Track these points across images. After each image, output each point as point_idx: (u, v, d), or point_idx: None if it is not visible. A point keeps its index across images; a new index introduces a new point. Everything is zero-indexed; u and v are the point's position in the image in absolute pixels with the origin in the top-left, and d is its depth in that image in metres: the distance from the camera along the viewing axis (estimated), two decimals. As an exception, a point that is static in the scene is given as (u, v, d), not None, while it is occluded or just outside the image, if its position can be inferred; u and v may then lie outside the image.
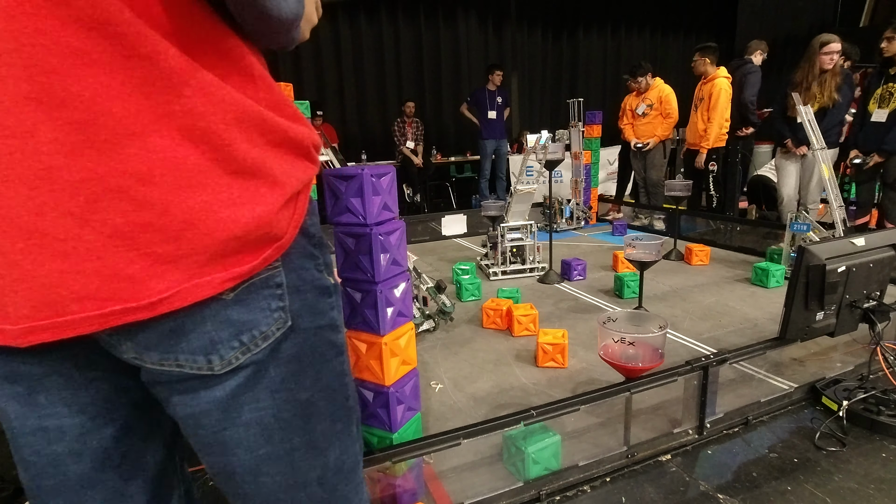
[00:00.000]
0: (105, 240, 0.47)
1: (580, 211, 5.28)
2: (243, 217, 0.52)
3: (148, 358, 0.53)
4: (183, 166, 0.49)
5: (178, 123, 0.48)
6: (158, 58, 0.46)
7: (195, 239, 0.50)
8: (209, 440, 0.59)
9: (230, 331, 0.54)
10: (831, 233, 3.05)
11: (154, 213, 0.48)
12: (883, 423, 1.67)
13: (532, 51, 7.97)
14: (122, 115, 0.45)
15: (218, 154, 0.51)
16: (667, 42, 8.88)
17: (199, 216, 0.50)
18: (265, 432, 0.59)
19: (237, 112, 0.52)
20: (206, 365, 0.54)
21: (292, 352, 0.60)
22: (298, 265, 0.60)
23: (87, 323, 0.49)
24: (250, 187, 0.53)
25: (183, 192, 0.49)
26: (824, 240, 2.48)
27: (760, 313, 2.75)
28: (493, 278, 3.57)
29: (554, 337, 2.26)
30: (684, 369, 1.64)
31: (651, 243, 2.54)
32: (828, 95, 3.64)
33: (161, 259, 0.49)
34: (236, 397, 0.57)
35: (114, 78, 0.45)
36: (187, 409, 0.57)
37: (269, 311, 0.57)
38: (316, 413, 0.63)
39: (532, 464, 1.46)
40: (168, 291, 0.50)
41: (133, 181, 0.47)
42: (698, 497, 1.46)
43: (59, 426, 0.58)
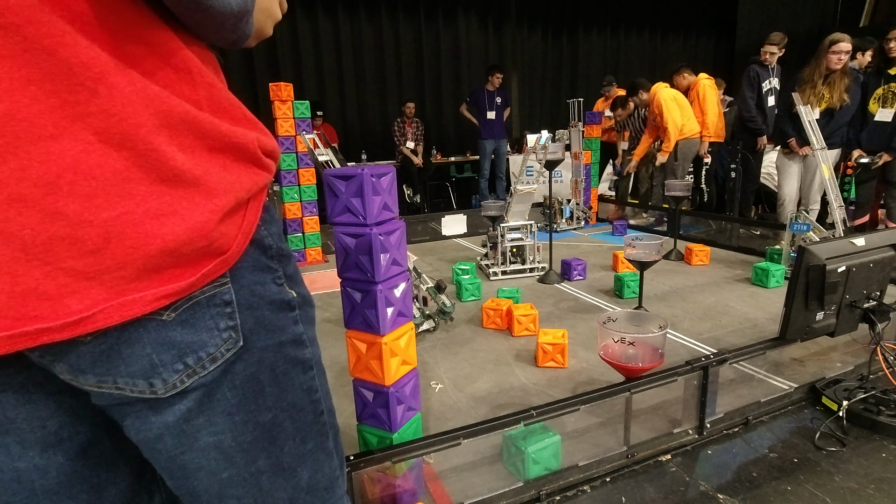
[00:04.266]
0: (15, 253, 0.43)
1: (580, 211, 5.28)
2: (174, 229, 0.48)
3: (84, 380, 0.50)
4: (98, 173, 0.44)
5: (94, 125, 0.44)
6: (65, 51, 0.42)
7: (118, 253, 0.45)
8: (168, 464, 0.56)
9: (173, 353, 0.51)
10: (831, 233, 3.05)
11: (67, 225, 0.43)
12: (883, 423, 1.67)
13: (532, 51, 7.97)
14: (25, 116, 0.41)
15: (142, 160, 0.46)
16: (667, 42, 8.89)
17: (122, 228, 0.45)
18: (225, 456, 0.56)
19: (165, 113, 0.47)
20: (147, 388, 0.51)
21: (248, 372, 0.56)
22: (251, 280, 0.56)
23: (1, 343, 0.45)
24: (182, 196, 0.48)
25: (100, 202, 0.44)
26: (824, 240, 2.48)
27: (760, 313, 2.75)
28: (493, 278, 3.57)
29: (554, 337, 2.27)
30: (684, 369, 1.64)
31: (651, 243, 2.54)
32: (837, 96, 3.62)
33: (79, 275, 0.45)
34: (189, 421, 0.54)
35: (14, 74, 0.40)
36: (140, 434, 0.54)
37: (217, 330, 0.53)
38: (281, 434, 0.60)
39: (532, 464, 1.46)
40: (89, 310, 0.45)
41: (39, 189, 0.42)
42: (698, 497, 1.46)
43: (19, 441, 0.54)
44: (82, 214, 0.44)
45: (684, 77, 5.02)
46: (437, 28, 7.25)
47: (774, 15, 8.29)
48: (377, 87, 7.13)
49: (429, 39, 7.26)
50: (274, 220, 0.61)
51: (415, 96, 6.92)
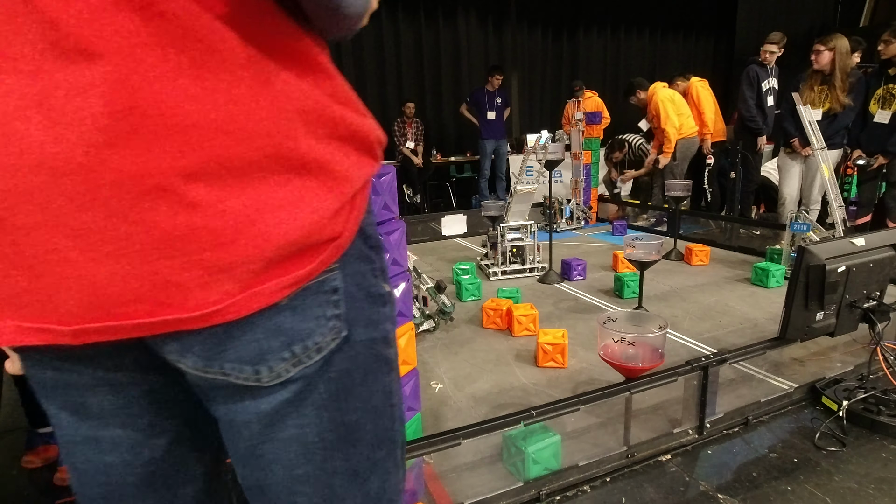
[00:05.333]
0: (154, 243, 0.43)
1: (580, 211, 5.28)
2: (302, 218, 0.47)
3: (192, 363, 0.49)
4: (237, 162, 0.44)
5: (233, 112, 0.43)
6: (213, 40, 0.42)
7: (248, 244, 0.45)
8: (245, 452, 0.54)
9: (282, 340, 0.49)
10: (831, 233, 3.05)
11: (204, 216, 0.43)
12: (883, 423, 1.67)
13: (532, 51, 7.96)
14: (175, 104, 0.41)
15: (279, 149, 0.46)
16: (666, 42, 8.88)
17: (253, 218, 0.45)
18: (305, 452, 0.54)
19: (301, 102, 0.47)
20: (252, 376, 0.49)
21: (344, 366, 0.54)
22: (354, 269, 0.54)
23: (137, 328, 0.45)
24: (310, 185, 0.48)
25: (234, 192, 0.44)
26: (824, 240, 2.48)
27: (760, 313, 2.75)
28: (493, 278, 3.57)
29: (554, 337, 2.26)
30: (684, 369, 1.64)
31: (651, 243, 2.54)
32: (834, 98, 3.63)
33: (212, 267, 0.45)
34: (280, 412, 0.52)
35: (167, 62, 0.40)
36: (228, 415, 0.53)
37: (325, 319, 0.51)
38: (362, 436, 0.57)
39: (532, 464, 1.46)
40: (221, 303, 0.45)
41: (182, 179, 0.42)
42: (698, 497, 1.46)
43: (111, 437, 0.55)
44: (218, 205, 0.44)
45: (678, 85, 5.14)
46: (437, 28, 7.24)
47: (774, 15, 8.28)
48: (377, 86, 7.12)
49: (429, 39, 7.25)
50: (372, 210, 0.60)
51: (415, 96, 6.92)
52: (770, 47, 4.33)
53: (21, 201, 0.41)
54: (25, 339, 0.46)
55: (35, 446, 1.74)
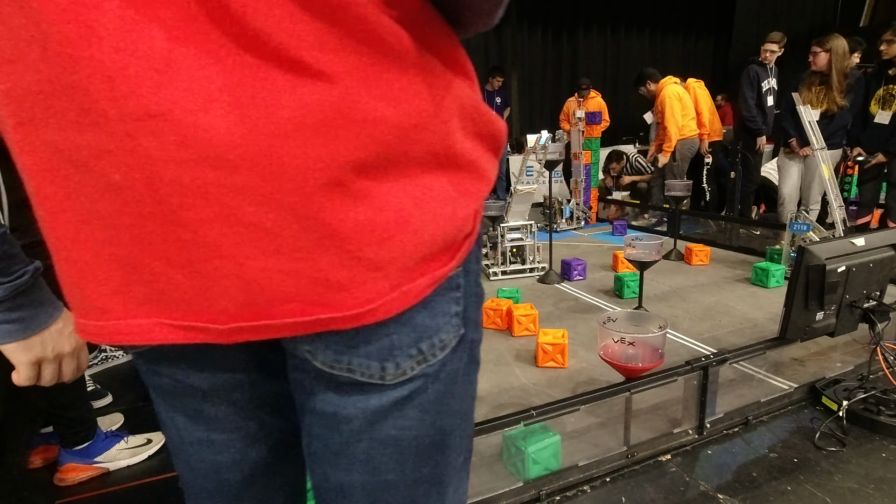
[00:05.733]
0: (319, 239, 0.42)
1: (580, 211, 5.29)
2: (453, 215, 0.47)
3: (322, 357, 0.47)
4: (403, 156, 0.44)
5: (403, 110, 0.43)
6: (391, 40, 0.42)
7: (404, 240, 0.44)
8: (337, 448, 0.52)
9: (412, 336, 0.48)
10: (831, 233, 3.05)
11: (368, 211, 0.42)
12: (883, 423, 1.67)
13: (532, 51, 7.96)
14: (355, 100, 0.40)
15: (438, 145, 0.45)
16: (666, 43, 8.88)
17: (411, 213, 0.44)
18: (400, 456, 0.52)
19: (460, 101, 0.47)
20: (378, 373, 0.48)
21: (454, 367, 0.52)
22: (471, 266, 0.53)
23: (291, 327, 0.44)
24: (462, 182, 0.48)
25: (397, 187, 0.43)
26: (824, 240, 2.48)
27: (760, 313, 2.75)
28: (493, 278, 3.57)
29: (554, 337, 2.26)
30: (684, 369, 1.64)
31: (651, 243, 2.54)
32: (831, 99, 3.64)
33: (370, 264, 0.43)
34: (386, 410, 0.50)
35: (355, 61, 0.40)
36: (328, 409, 0.50)
37: (450, 316, 0.50)
38: (450, 443, 0.55)
39: (532, 464, 1.46)
40: (373, 303, 0.44)
41: (353, 174, 0.41)
42: (698, 497, 1.46)
43: (223, 440, 0.56)
44: (382, 199, 0.43)
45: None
46: (437, 28, 7.23)
47: (773, 15, 8.29)
48: (377, 87, 7.12)
49: (429, 39, 7.24)
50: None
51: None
52: (770, 46, 4.33)
53: (194, 196, 0.39)
54: (172, 336, 0.45)
55: (35, 446, 1.74)
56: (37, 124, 0.40)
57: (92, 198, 0.41)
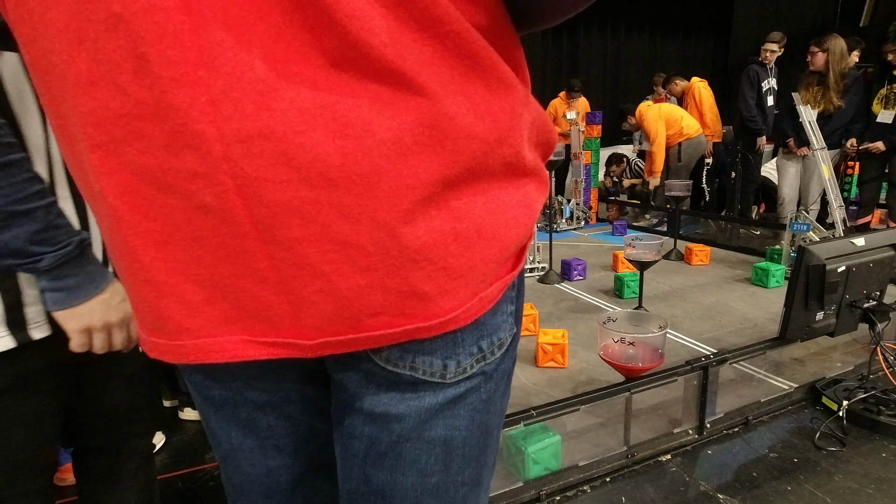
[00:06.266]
0: (410, 254, 0.42)
1: (580, 211, 5.29)
2: (524, 221, 0.48)
3: (386, 355, 0.47)
4: (481, 168, 0.44)
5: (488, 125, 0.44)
6: (479, 54, 0.42)
7: (482, 248, 0.45)
8: (384, 450, 0.51)
9: (475, 335, 0.48)
10: (831, 233, 3.06)
11: (452, 222, 0.43)
12: (883, 423, 1.67)
13: (532, 51, 7.96)
14: (453, 117, 0.41)
15: (511, 157, 0.47)
16: (665, 43, 8.88)
17: (487, 220, 0.45)
18: (446, 456, 0.51)
19: (528, 112, 0.48)
20: (440, 370, 0.48)
21: (504, 366, 0.53)
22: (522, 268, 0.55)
23: (378, 340, 0.45)
24: (529, 190, 0.49)
25: (477, 198, 0.44)
26: (824, 240, 2.48)
27: (760, 313, 2.75)
28: (493, 278, 3.57)
29: (554, 337, 2.26)
30: (684, 369, 1.64)
31: (651, 243, 2.54)
32: (828, 99, 3.64)
33: (453, 273, 0.44)
34: (440, 409, 0.50)
35: (451, 77, 0.41)
36: (380, 408, 0.50)
37: (506, 315, 0.51)
38: (490, 443, 0.56)
39: (532, 464, 1.46)
40: (456, 310, 0.45)
41: (443, 188, 0.42)
42: (698, 497, 1.46)
43: (276, 445, 0.57)
44: (462, 208, 0.43)
45: (676, 84, 5.17)
46: (437, 28, 7.25)
47: (773, 15, 8.29)
48: (377, 87, 7.13)
49: (429, 39, 7.25)
50: None
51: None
52: (771, 46, 4.33)
53: (292, 215, 0.40)
54: (257, 353, 0.45)
55: (35, 446, 1.74)
56: (117, 147, 0.39)
57: (177, 220, 0.41)
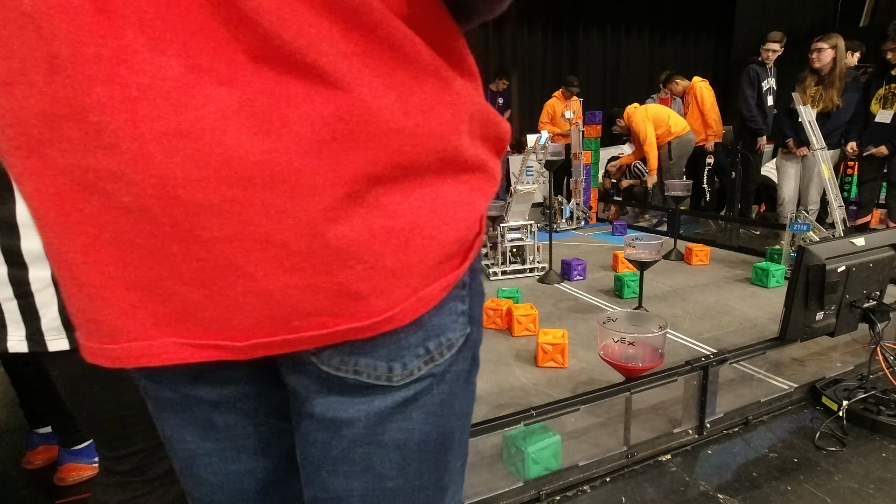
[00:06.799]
0: (338, 253, 0.41)
1: (580, 211, 5.29)
2: (466, 218, 0.47)
3: (327, 359, 0.46)
4: (416, 164, 0.43)
5: (420, 117, 0.43)
6: (405, 45, 0.41)
7: (420, 246, 0.44)
8: (338, 455, 0.50)
9: (420, 335, 0.47)
10: (831, 233, 3.05)
11: (383, 220, 0.42)
12: (883, 423, 1.67)
13: (532, 51, 7.96)
14: (376, 111, 0.40)
15: (449, 151, 0.45)
16: (665, 43, 8.88)
17: (426, 219, 0.44)
18: (403, 461, 0.51)
19: (470, 104, 0.47)
20: (385, 374, 0.47)
21: (459, 368, 0.52)
22: (475, 264, 0.53)
23: (311, 340, 0.44)
24: (472, 185, 0.48)
25: (410, 195, 0.43)
26: (824, 240, 2.48)
27: (760, 313, 2.75)
28: (493, 278, 3.57)
29: (554, 337, 2.26)
30: (684, 369, 1.64)
31: (651, 243, 2.54)
32: (829, 99, 3.63)
33: (389, 273, 0.43)
34: (391, 413, 0.49)
35: (372, 70, 0.40)
36: (329, 413, 0.49)
37: (457, 314, 0.50)
38: (452, 447, 0.54)
39: (532, 464, 1.46)
40: (391, 310, 0.44)
41: (369, 185, 0.41)
42: (698, 497, 1.46)
43: (235, 447, 0.55)
44: (395, 208, 0.42)
45: (677, 83, 5.19)
46: (437, 28, 7.24)
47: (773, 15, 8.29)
48: (377, 87, 7.12)
49: (429, 39, 7.25)
50: None
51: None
52: (772, 46, 4.32)
53: (212, 215, 0.39)
54: (190, 355, 0.44)
55: (35, 446, 1.74)
56: (37, 147, 0.39)
57: (102, 220, 0.40)
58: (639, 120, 4.77)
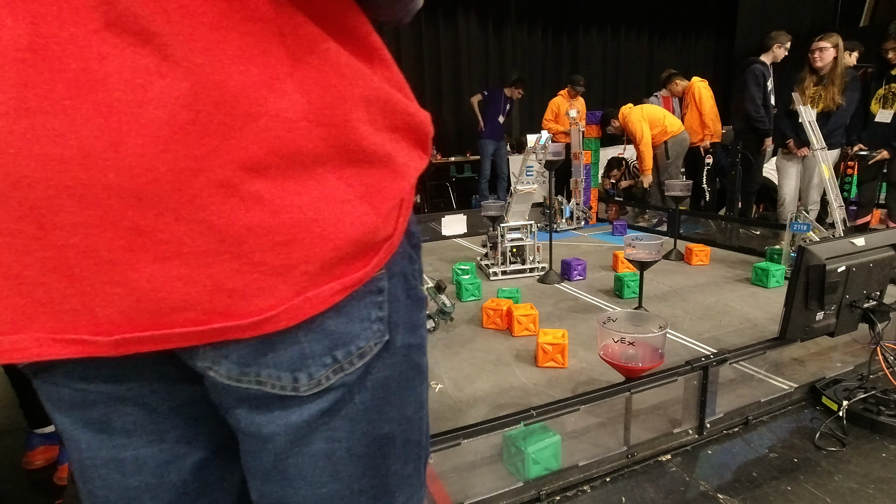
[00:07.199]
0: (210, 244, 0.39)
1: (580, 211, 5.29)
2: (363, 216, 0.44)
3: (226, 371, 0.44)
4: (299, 153, 0.40)
5: (302, 100, 0.40)
6: (277, 18, 0.38)
7: (307, 244, 0.41)
8: (267, 466, 0.49)
9: (325, 344, 0.45)
10: (831, 233, 3.05)
11: (263, 213, 0.40)
12: (883, 423, 1.67)
13: (532, 51, 7.96)
14: (241, 89, 0.37)
15: (340, 139, 0.42)
16: (666, 43, 8.89)
17: (313, 216, 0.41)
18: (334, 468, 0.49)
19: (363, 88, 0.43)
20: (290, 384, 0.45)
21: (383, 374, 0.50)
22: (399, 268, 0.50)
23: (185, 337, 0.42)
24: (373, 180, 0.45)
25: (295, 186, 0.40)
26: (824, 240, 2.48)
27: (760, 313, 2.74)
28: (493, 278, 3.57)
29: (554, 337, 2.26)
30: (684, 369, 1.64)
31: (651, 243, 2.54)
32: (830, 98, 3.63)
33: (269, 270, 0.41)
34: (312, 424, 0.47)
35: (230, 43, 0.36)
36: (251, 427, 0.48)
37: (369, 322, 0.48)
38: (392, 451, 0.53)
39: (532, 464, 1.46)
40: (274, 310, 0.42)
41: (242, 173, 0.38)
42: (698, 497, 1.46)
43: (135, 458, 0.50)
44: (277, 201, 0.40)
45: (677, 84, 5.18)
46: (437, 28, 7.25)
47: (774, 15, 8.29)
48: (377, 87, 7.12)
49: (429, 39, 7.25)
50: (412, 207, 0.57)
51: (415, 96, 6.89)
52: (787, 45, 4.24)
53: (66, 198, 0.36)
54: (56, 351, 0.41)
55: (35, 446, 1.74)
56: None
57: None
58: (634, 120, 4.77)
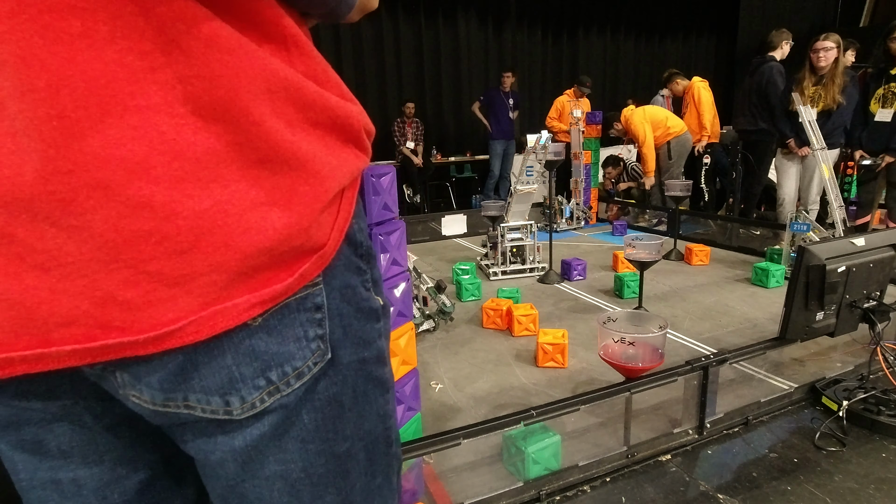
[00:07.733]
0: (93, 253, 0.36)
1: (580, 211, 5.29)
2: (275, 222, 0.40)
3: (149, 397, 0.42)
4: (190, 153, 0.36)
5: (188, 92, 0.36)
6: (154, 3, 0.34)
7: (210, 253, 0.38)
8: (224, 492, 0.48)
9: (255, 366, 0.42)
10: (831, 233, 3.05)
11: (152, 219, 0.36)
12: (883, 423, 1.67)
13: (532, 51, 7.96)
14: (110, 82, 0.33)
15: (241, 136, 0.38)
16: (666, 43, 8.89)
17: (215, 222, 0.38)
18: (291, 489, 0.48)
19: (267, 78, 0.39)
20: (221, 408, 0.43)
21: (330, 392, 0.48)
22: (342, 282, 0.48)
23: (74, 356, 0.38)
24: (284, 181, 0.41)
25: (190, 189, 0.37)
26: (824, 240, 2.48)
27: (760, 313, 2.75)
28: (493, 278, 3.57)
29: (554, 337, 2.26)
30: (684, 369, 1.64)
31: (651, 243, 2.54)
32: (831, 97, 3.63)
33: (166, 280, 0.37)
34: (258, 447, 0.45)
35: (97, 30, 0.33)
36: (200, 454, 0.46)
37: (306, 340, 0.45)
38: (354, 467, 0.51)
39: (532, 464, 1.46)
40: (176, 323, 0.38)
41: (124, 174, 0.34)
42: (698, 497, 1.46)
43: (73, 479, 0.48)
44: (170, 205, 0.36)
45: (677, 83, 5.17)
46: (437, 28, 7.25)
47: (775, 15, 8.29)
48: (377, 86, 7.13)
49: (429, 39, 7.25)
50: (362, 213, 0.53)
51: (415, 96, 6.92)
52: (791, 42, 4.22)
53: None
54: None
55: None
56: None
57: None
58: (637, 122, 4.78)
